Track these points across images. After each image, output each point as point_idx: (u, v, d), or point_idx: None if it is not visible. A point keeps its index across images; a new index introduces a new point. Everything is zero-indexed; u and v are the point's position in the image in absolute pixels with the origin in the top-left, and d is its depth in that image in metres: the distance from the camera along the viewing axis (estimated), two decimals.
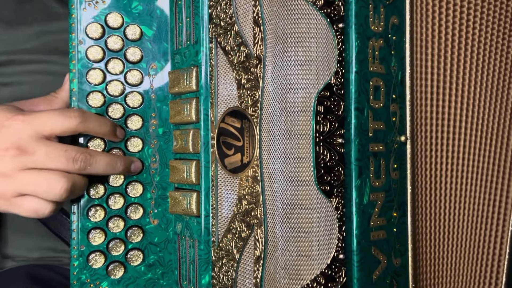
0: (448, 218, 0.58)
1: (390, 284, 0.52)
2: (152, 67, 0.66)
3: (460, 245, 0.58)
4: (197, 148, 0.60)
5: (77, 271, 0.63)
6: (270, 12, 0.49)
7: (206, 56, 0.59)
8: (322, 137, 0.48)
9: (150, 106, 0.65)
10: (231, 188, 0.55)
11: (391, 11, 0.52)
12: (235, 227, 0.54)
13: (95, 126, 0.58)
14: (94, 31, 0.63)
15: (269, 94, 0.49)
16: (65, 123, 0.56)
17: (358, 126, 0.49)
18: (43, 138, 0.56)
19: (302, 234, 0.48)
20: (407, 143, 0.54)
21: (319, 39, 0.48)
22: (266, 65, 0.50)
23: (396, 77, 0.53)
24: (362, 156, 0.49)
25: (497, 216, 0.58)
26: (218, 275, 0.58)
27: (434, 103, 0.56)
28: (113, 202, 0.64)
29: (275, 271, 0.49)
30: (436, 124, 0.56)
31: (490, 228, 0.58)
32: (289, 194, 0.48)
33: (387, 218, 0.51)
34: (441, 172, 0.57)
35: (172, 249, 0.66)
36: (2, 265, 0.80)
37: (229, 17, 0.55)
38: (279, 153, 0.48)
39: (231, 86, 0.55)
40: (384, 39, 0.51)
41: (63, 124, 0.56)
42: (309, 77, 0.48)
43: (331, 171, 0.48)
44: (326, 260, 0.48)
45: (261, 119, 0.50)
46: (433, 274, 0.58)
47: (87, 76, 0.63)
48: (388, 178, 0.52)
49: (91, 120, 0.58)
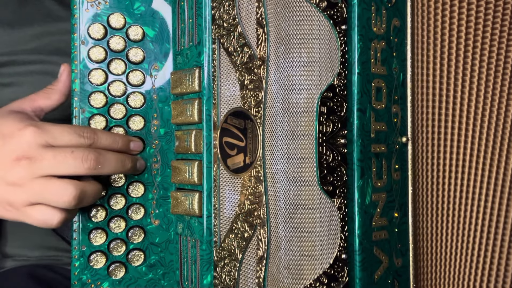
0: (448, 218, 0.58)
1: (392, 284, 0.52)
2: (154, 67, 0.66)
3: (460, 246, 0.59)
4: (200, 149, 0.60)
5: (78, 271, 0.63)
6: (273, 14, 0.50)
7: (208, 57, 0.59)
8: (325, 137, 0.48)
9: (152, 107, 0.66)
10: (234, 188, 0.55)
11: (393, 13, 0.53)
12: (238, 227, 0.55)
13: (106, 145, 0.59)
14: (96, 32, 0.63)
15: (272, 94, 0.49)
16: (76, 143, 0.56)
17: (360, 127, 0.49)
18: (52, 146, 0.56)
19: (305, 234, 0.48)
20: (408, 144, 0.54)
21: (322, 41, 0.48)
22: (269, 66, 0.50)
23: (397, 78, 0.53)
24: (364, 156, 0.49)
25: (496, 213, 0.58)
26: (220, 275, 0.58)
27: (436, 104, 0.56)
28: (114, 202, 0.64)
29: (278, 271, 0.49)
30: (437, 126, 0.57)
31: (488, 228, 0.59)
32: (292, 194, 0.48)
33: (388, 219, 0.52)
34: (442, 173, 0.57)
35: (174, 249, 0.66)
36: (2, 265, 0.79)
37: (232, 18, 0.55)
38: (282, 154, 0.49)
39: (234, 86, 0.55)
40: (386, 41, 0.52)
41: (74, 142, 0.56)
42: (312, 78, 0.48)
43: (333, 172, 0.49)
44: (329, 260, 0.49)
45: (264, 119, 0.50)
46: (434, 275, 0.59)
47: (89, 76, 0.63)
48: (389, 179, 0.52)
49: (103, 140, 0.58)
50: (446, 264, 0.59)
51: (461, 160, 0.58)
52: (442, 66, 0.56)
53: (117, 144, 0.60)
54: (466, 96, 0.57)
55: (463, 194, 0.58)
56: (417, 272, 0.57)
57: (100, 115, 0.63)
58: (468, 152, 0.57)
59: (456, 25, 0.57)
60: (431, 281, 0.59)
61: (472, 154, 0.58)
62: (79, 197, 0.55)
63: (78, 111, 0.63)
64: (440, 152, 0.57)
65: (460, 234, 0.59)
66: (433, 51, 0.56)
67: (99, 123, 0.63)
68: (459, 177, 0.58)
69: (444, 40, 0.56)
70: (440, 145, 0.57)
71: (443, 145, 0.57)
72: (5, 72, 0.78)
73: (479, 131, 0.58)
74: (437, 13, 0.56)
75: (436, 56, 0.56)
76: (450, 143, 0.57)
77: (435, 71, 0.56)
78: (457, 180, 0.58)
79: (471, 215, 0.59)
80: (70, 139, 0.56)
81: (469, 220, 0.59)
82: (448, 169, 0.57)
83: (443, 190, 0.58)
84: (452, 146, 0.57)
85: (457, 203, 0.58)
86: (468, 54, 0.57)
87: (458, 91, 0.57)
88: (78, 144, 0.56)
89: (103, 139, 0.58)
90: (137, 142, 0.63)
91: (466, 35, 0.57)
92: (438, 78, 0.56)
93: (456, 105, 0.57)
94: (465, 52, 0.57)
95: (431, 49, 0.56)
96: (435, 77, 0.56)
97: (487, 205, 0.58)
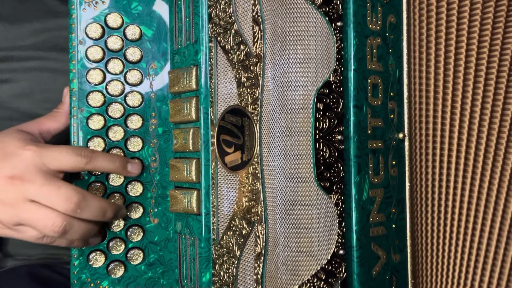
0: (447, 215, 0.58)
1: (390, 280, 0.52)
2: (152, 67, 0.66)
3: (458, 241, 0.59)
4: (197, 147, 0.60)
5: (78, 270, 0.63)
6: (269, 11, 0.50)
7: (205, 55, 0.60)
8: (321, 134, 0.49)
9: (150, 106, 0.66)
10: (232, 185, 0.56)
11: (389, 10, 0.53)
12: (236, 224, 0.55)
13: (103, 165, 0.59)
14: (94, 31, 0.64)
15: (269, 92, 0.50)
16: (74, 161, 0.56)
17: (357, 123, 0.49)
18: (48, 172, 0.56)
19: (302, 231, 0.49)
20: (405, 140, 0.54)
21: (318, 37, 0.49)
22: (265, 63, 0.50)
23: (393, 75, 0.53)
24: (361, 153, 0.50)
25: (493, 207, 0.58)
26: (218, 272, 0.58)
27: (431, 101, 0.57)
28: (113, 201, 0.64)
29: (276, 267, 0.50)
30: (433, 122, 0.57)
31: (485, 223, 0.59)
32: (289, 191, 0.49)
33: (386, 214, 0.52)
34: (439, 169, 0.57)
35: (172, 248, 0.66)
36: (3, 264, 0.80)
37: (228, 16, 0.56)
38: (279, 150, 0.49)
39: (231, 84, 0.56)
40: (381, 38, 0.52)
41: (72, 162, 0.56)
42: (308, 74, 0.48)
43: (330, 168, 0.49)
44: (327, 256, 0.49)
45: (261, 116, 0.51)
46: (432, 271, 0.59)
47: (87, 76, 0.64)
48: (386, 175, 0.52)
49: (100, 159, 0.58)
50: (444, 261, 0.59)
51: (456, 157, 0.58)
52: (438, 62, 0.57)
53: (114, 163, 0.60)
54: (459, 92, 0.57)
55: (458, 191, 0.58)
56: (415, 268, 0.57)
57: (98, 115, 0.64)
58: (464, 149, 0.58)
59: (452, 21, 0.57)
60: (429, 277, 0.59)
61: (469, 151, 0.58)
62: (63, 228, 0.55)
63: (77, 111, 0.63)
64: (436, 148, 0.57)
65: (458, 229, 0.59)
66: (429, 48, 0.56)
67: (97, 122, 0.64)
68: (455, 173, 0.58)
69: (440, 36, 0.56)
70: (436, 141, 0.57)
71: (440, 142, 0.57)
72: (3, 68, 0.78)
73: (477, 129, 0.58)
74: (432, 9, 0.56)
75: (432, 52, 0.56)
76: (447, 140, 0.57)
77: (430, 68, 0.56)
78: (456, 178, 0.58)
79: (469, 211, 0.59)
80: (68, 158, 0.56)
81: (466, 217, 0.59)
82: (446, 166, 0.58)
83: (440, 186, 0.58)
84: (450, 143, 0.57)
85: (456, 200, 0.58)
86: (462, 50, 0.57)
87: (455, 88, 0.57)
88: (76, 165, 0.57)
89: (100, 158, 0.58)
90: (135, 164, 0.63)
91: (461, 31, 0.57)
92: (434, 74, 0.56)
93: (452, 102, 0.57)
94: (458, 48, 0.57)
95: (426, 46, 0.56)
96: (431, 74, 0.56)
97: (485, 199, 0.58)
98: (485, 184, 0.58)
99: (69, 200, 0.54)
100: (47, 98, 0.79)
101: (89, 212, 0.56)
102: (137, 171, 0.63)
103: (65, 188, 0.55)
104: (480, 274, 0.59)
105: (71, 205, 0.55)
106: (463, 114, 0.57)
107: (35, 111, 0.79)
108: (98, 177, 0.64)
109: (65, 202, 0.54)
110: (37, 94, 0.79)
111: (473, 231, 0.59)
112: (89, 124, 0.63)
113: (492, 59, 0.58)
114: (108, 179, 0.64)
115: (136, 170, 0.63)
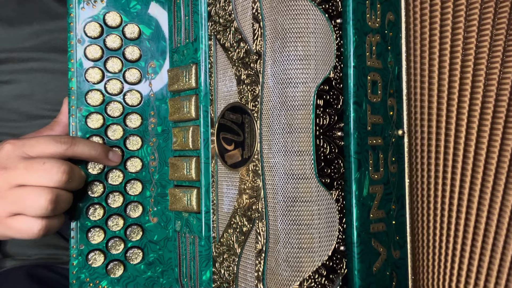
0: (444, 212, 0.59)
1: (390, 276, 0.52)
2: (151, 65, 0.66)
3: (458, 237, 0.59)
4: (197, 145, 0.60)
5: (76, 270, 0.63)
6: (269, 8, 0.50)
7: (205, 53, 0.60)
8: (322, 130, 0.49)
9: (149, 105, 0.66)
10: (232, 183, 0.56)
11: (387, 7, 0.53)
12: (236, 221, 0.55)
13: (84, 151, 0.59)
14: (92, 30, 0.64)
15: (269, 89, 0.50)
16: (53, 148, 0.57)
17: (356, 120, 0.50)
18: (30, 158, 0.56)
19: (303, 227, 0.49)
20: (405, 137, 0.54)
21: (317, 34, 0.49)
22: (265, 60, 0.50)
23: (392, 72, 0.54)
24: (361, 149, 0.50)
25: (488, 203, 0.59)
26: (219, 270, 0.58)
27: (430, 98, 0.57)
28: (112, 200, 0.64)
29: (277, 264, 0.50)
30: (432, 119, 0.57)
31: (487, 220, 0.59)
32: (290, 188, 0.49)
33: (386, 211, 0.52)
34: (438, 166, 0.58)
35: (172, 247, 0.66)
36: (2, 265, 0.79)
37: (228, 14, 0.56)
38: (280, 147, 0.49)
39: (231, 82, 0.56)
40: (380, 35, 0.52)
41: (51, 148, 0.57)
42: (308, 71, 0.49)
43: (331, 164, 0.49)
44: (327, 252, 0.49)
45: (261, 113, 0.51)
46: (433, 267, 0.59)
47: (85, 74, 0.63)
48: (386, 171, 0.52)
49: (80, 145, 0.59)
50: (444, 257, 0.59)
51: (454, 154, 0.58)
52: (436, 59, 0.57)
53: (96, 150, 0.60)
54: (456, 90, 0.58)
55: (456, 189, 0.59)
56: (415, 264, 0.57)
57: (97, 113, 0.64)
58: (462, 146, 0.58)
59: (450, 19, 0.57)
60: (430, 273, 0.59)
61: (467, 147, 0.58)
62: (55, 201, 0.55)
63: (75, 110, 0.63)
64: (435, 145, 0.57)
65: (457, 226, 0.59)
66: (427, 45, 0.56)
67: (96, 121, 0.63)
68: (454, 169, 0.58)
69: (437, 34, 0.57)
70: (435, 138, 0.57)
71: (439, 138, 0.57)
72: (4, 69, 0.78)
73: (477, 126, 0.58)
74: (430, 7, 0.56)
75: (430, 50, 0.57)
76: (446, 137, 0.58)
77: (428, 65, 0.57)
78: (454, 175, 0.58)
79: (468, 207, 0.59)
80: (47, 146, 0.57)
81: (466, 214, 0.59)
82: (445, 162, 0.58)
83: (439, 183, 0.58)
84: (447, 141, 0.58)
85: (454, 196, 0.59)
86: (459, 48, 0.57)
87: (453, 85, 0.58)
88: (55, 150, 0.57)
89: (81, 144, 0.59)
90: (116, 153, 0.63)
91: (458, 29, 0.57)
92: (432, 71, 0.57)
93: (450, 99, 0.58)
94: (455, 45, 0.57)
95: (425, 43, 0.56)
96: (429, 71, 0.57)
97: (484, 196, 0.59)
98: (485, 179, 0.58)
99: (59, 171, 0.55)
100: (48, 99, 0.79)
101: (76, 181, 0.58)
102: (118, 160, 0.63)
103: (49, 161, 0.56)
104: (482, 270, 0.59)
105: (63, 176, 0.55)
106: (461, 110, 0.58)
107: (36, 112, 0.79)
108: (97, 176, 0.63)
109: (56, 174, 0.55)
110: (38, 95, 0.79)
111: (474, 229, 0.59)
112: (88, 123, 0.63)
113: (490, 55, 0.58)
114: (107, 178, 0.64)
115: (117, 159, 0.63)
